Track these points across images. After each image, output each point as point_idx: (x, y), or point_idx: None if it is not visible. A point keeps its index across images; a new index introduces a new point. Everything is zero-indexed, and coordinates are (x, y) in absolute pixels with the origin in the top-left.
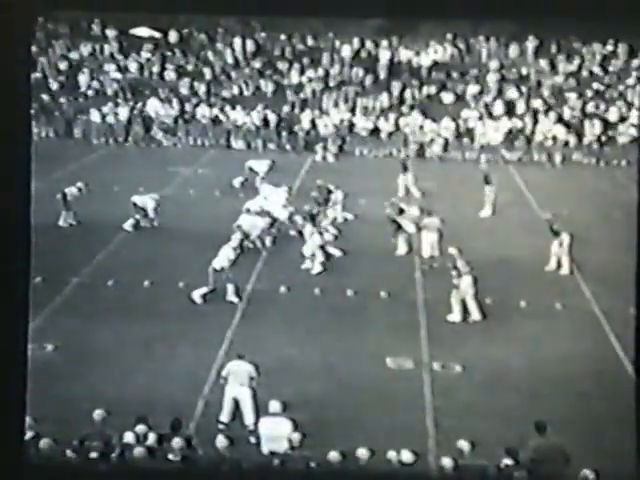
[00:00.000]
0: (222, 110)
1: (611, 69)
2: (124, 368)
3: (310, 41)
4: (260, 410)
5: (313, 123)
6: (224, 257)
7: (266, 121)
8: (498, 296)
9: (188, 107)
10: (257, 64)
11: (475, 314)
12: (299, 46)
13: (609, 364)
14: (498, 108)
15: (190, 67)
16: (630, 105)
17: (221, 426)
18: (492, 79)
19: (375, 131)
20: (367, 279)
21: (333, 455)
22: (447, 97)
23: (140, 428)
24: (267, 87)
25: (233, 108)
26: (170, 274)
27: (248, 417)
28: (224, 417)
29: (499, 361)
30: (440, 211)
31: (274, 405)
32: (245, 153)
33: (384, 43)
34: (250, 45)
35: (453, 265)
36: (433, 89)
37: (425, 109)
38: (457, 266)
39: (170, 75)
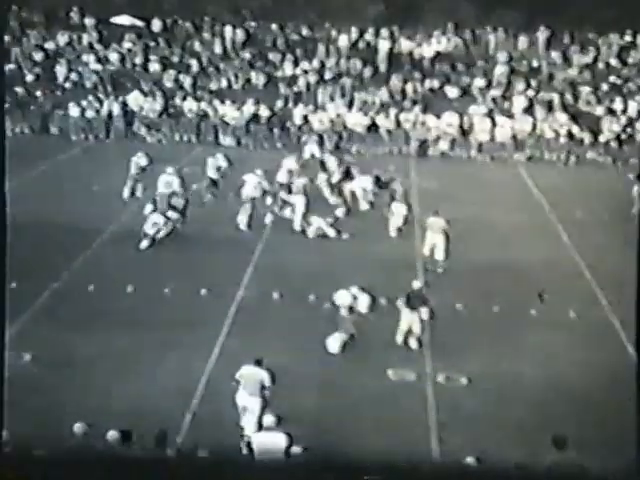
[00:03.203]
0: (210, 104)
1: (630, 61)
2: (106, 379)
3: (304, 31)
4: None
5: (306, 119)
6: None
7: (256, 116)
8: (506, 303)
9: (173, 101)
10: (247, 55)
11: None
12: (293, 36)
13: (626, 376)
14: (507, 103)
15: (175, 58)
16: None
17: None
18: (500, 72)
19: (373, 127)
20: (366, 285)
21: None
22: (451, 91)
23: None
24: (258, 80)
25: (222, 102)
26: (155, 279)
27: (249, 427)
28: (243, 422)
29: (508, 373)
30: (443, 212)
31: (268, 419)
32: (234, 150)
33: (384, 33)
34: (240, 35)
35: None
36: (436, 83)
37: (428, 104)
38: None
39: (154, 67)
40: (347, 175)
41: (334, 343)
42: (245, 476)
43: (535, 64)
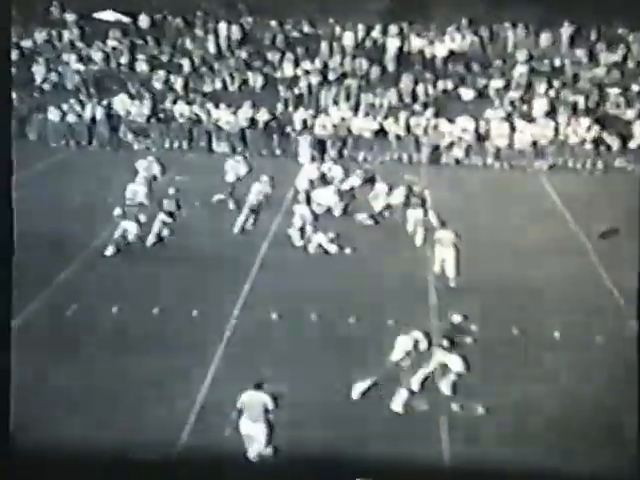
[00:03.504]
0: (203, 108)
1: None
2: (92, 409)
3: (306, 27)
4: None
5: (305, 123)
6: None
7: (254, 121)
8: (527, 326)
9: (163, 104)
10: (244, 54)
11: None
12: (293, 33)
13: None
14: (526, 106)
15: (165, 57)
16: None
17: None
18: (520, 72)
19: (381, 133)
20: (373, 303)
21: None
22: (466, 93)
23: None
24: (255, 81)
25: (216, 106)
26: (142, 299)
27: (252, 453)
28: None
29: (528, 402)
30: (457, 225)
31: (265, 450)
32: (229, 157)
33: (392, 30)
34: (235, 32)
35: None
36: (450, 84)
37: (440, 107)
38: None
39: (141, 67)
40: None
41: (358, 389)
42: None
43: (558, 63)
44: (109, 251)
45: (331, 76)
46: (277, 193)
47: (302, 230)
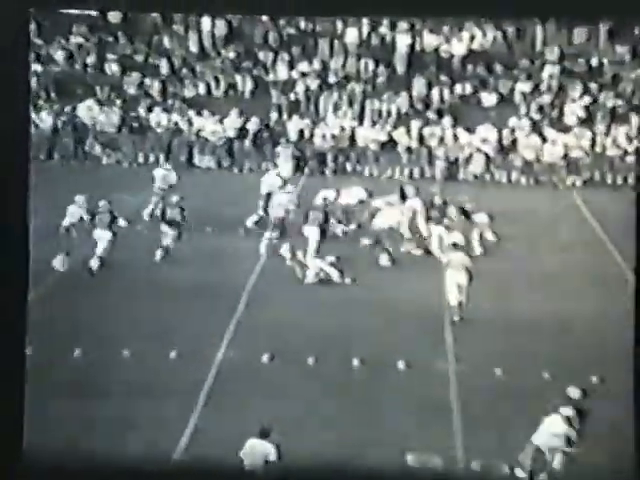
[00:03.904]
0: (183, 116)
1: None
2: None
3: (302, 23)
4: None
5: (302, 133)
6: None
7: (243, 131)
8: (557, 370)
9: (136, 112)
10: (231, 54)
11: None
12: (288, 29)
13: None
14: (558, 113)
15: (139, 58)
16: None
17: None
18: (550, 74)
19: (390, 144)
20: (379, 342)
21: None
22: (488, 98)
23: None
24: (245, 85)
25: (198, 114)
26: (111, 338)
27: None
28: None
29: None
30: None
31: None
32: (214, 173)
33: (403, 25)
34: (221, 28)
35: None
36: (469, 88)
37: (458, 115)
38: None
39: (112, 68)
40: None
41: None
42: None
43: (595, 63)
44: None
45: (332, 79)
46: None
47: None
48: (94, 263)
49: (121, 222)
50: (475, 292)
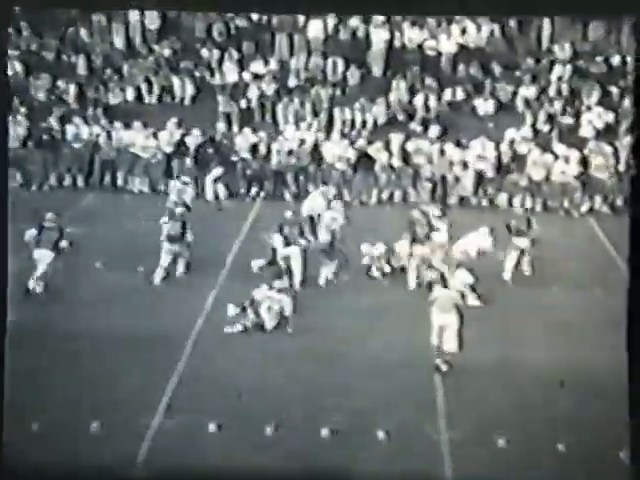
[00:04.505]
0: (106, 127)
1: None
2: None
3: (255, 14)
4: None
5: (255, 148)
6: None
7: (182, 146)
8: (576, 440)
9: (47, 123)
10: (166, 51)
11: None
12: (237, 21)
13: None
14: (569, 122)
15: (49, 55)
16: None
17: None
18: (560, 75)
19: (364, 161)
20: (354, 404)
21: None
22: (484, 106)
23: None
24: (184, 89)
25: (126, 125)
26: (19, 411)
27: None
28: None
29: None
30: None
31: None
32: (145, 199)
33: (379, 18)
34: (153, 18)
35: None
36: (460, 93)
37: (448, 126)
38: None
39: (14, 68)
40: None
41: None
42: None
43: (616, 62)
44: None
45: (292, 82)
46: (215, 247)
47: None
48: None
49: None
50: (471, 337)
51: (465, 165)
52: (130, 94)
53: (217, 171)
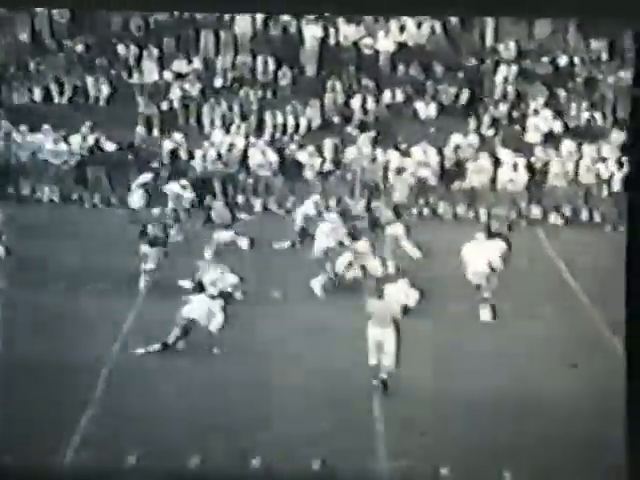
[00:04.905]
0: (10, 132)
1: None
2: None
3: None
4: None
5: (176, 154)
6: None
7: (97, 152)
8: (521, 468)
9: None
10: (79, 47)
11: None
12: (157, 16)
13: None
14: (518, 127)
15: None
16: None
17: None
18: (505, 76)
19: (293, 168)
20: (281, 431)
21: None
22: (425, 109)
23: None
24: (99, 90)
25: (31, 129)
26: None
27: None
28: None
29: None
30: (421, 311)
31: None
32: (57, 209)
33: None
34: (63, 12)
35: None
36: (400, 95)
37: (386, 130)
38: None
39: None
40: None
41: None
42: None
43: (563, 62)
44: None
45: (218, 83)
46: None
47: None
48: None
49: None
50: (411, 357)
51: (400, 172)
52: (38, 94)
53: (145, 177)
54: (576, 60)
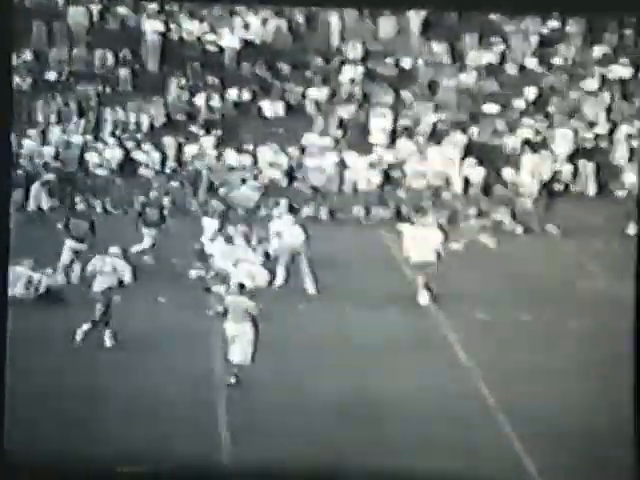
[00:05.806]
0: None
1: None
2: None
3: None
4: None
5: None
6: None
7: None
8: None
9: None
10: None
11: None
12: None
13: None
14: (362, 128)
15: None
16: None
17: None
18: (350, 77)
19: (128, 167)
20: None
21: None
22: (271, 107)
23: None
24: None
25: None
26: None
27: None
28: None
29: None
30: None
31: None
32: None
33: (151, 6)
34: None
35: None
36: (246, 93)
37: (231, 129)
38: None
39: None
40: None
41: None
42: None
43: (407, 64)
44: None
45: (51, 76)
46: None
47: None
48: None
49: None
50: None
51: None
52: None
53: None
54: (419, 62)
